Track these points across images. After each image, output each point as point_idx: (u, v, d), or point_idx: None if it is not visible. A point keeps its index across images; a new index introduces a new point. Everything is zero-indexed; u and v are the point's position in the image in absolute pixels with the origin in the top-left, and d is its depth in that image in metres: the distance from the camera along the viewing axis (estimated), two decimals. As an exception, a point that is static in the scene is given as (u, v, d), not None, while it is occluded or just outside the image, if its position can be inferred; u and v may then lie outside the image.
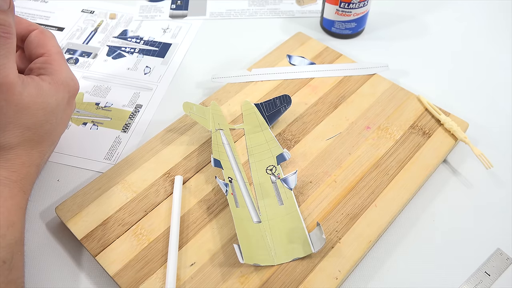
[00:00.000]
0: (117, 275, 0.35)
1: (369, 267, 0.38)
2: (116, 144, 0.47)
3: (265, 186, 0.41)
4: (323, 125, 0.46)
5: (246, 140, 0.45)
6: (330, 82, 0.51)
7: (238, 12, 0.64)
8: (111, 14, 0.61)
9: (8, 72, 0.32)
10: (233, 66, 0.55)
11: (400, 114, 0.47)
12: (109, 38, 0.59)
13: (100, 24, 0.60)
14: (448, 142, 0.45)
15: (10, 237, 0.32)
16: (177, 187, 0.40)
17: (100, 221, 0.38)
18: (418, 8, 0.64)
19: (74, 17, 0.62)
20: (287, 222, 0.38)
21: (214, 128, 0.44)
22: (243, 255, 0.34)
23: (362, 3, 0.54)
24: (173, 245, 0.36)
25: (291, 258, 0.36)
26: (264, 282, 0.35)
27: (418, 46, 0.58)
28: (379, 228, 0.38)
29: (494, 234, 0.40)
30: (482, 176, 0.44)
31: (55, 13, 0.63)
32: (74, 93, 0.39)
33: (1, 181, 0.33)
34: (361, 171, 0.42)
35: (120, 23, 0.61)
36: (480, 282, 0.37)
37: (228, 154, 0.43)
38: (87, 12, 0.62)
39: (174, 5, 0.65)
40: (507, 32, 0.60)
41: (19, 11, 0.63)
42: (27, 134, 0.35)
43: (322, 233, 0.36)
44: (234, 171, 0.41)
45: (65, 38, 0.59)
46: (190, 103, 0.44)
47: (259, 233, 0.37)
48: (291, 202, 0.39)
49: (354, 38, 0.59)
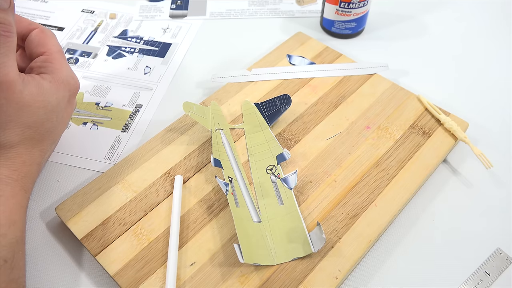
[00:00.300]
0: (117, 275, 0.35)
1: (369, 267, 0.38)
2: (116, 144, 0.47)
3: (265, 185, 0.41)
4: (323, 125, 0.46)
5: (246, 139, 0.45)
6: (330, 82, 0.51)
7: (238, 12, 0.64)
8: (111, 14, 0.61)
9: (8, 71, 0.32)
10: (233, 66, 0.55)
11: (400, 114, 0.47)
12: (109, 38, 0.59)
13: (100, 24, 0.60)
14: (448, 142, 0.45)
15: (11, 236, 0.32)
16: (177, 187, 0.40)
17: (100, 221, 0.38)
18: (418, 8, 0.64)
19: (74, 17, 0.62)
20: (287, 221, 0.38)
21: (214, 128, 0.44)
22: (243, 254, 0.34)
23: (362, 3, 0.55)
24: (173, 245, 0.36)
25: (291, 258, 0.36)
26: (264, 281, 0.35)
27: (418, 46, 0.59)
28: (379, 228, 0.38)
29: (494, 234, 0.40)
30: (482, 176, 0.44)
31: (55, 13, 0.63)
32: (74, 92, 0.39)
33: (2, 179, 0.33)
34: (361, 171, 0.42)
35: (120, 23, 0.61)
36: (480, 282, 0.37)
37: (228, 153, 0.43)
38: (87, 12, 0.62)
39: (174, 5, 0.65)
40: (507, 32, 0.60)
41: (19, 11, 0.63)
42: (28, 133, 0.35)
43: (322, 232, 0.36)
44: (234, 171, 0.41)
45: (65, 38, 0.59)
46: (190, 103, 0.44)
47: (259, 232, 0.37)
48: (291, 201, 0.39)
49: (354, 38, 0.59)
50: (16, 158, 0.35)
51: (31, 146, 0.36)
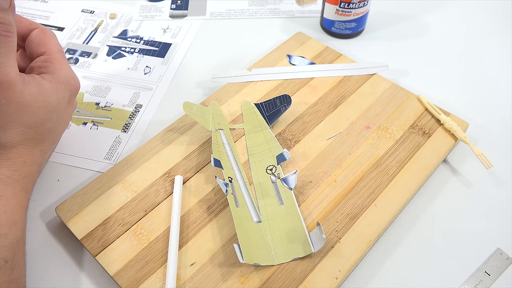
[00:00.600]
0: (117, 275, 0.35)
1: (369, 267, 0.38)
2: (116, 144, 0.47)
3: (265, 186, 0.41)
4: (323, 125, 0.46)
5: (246, 140, 0.45)
6: (330, 82, 0.51)
7: (238, 12, 0.64)
8: (111, 14, 0.61)
9: (8, 71, 0.32)
10: (233, 66, 0.55)
11: (400, 114, 0.47)
12: (109, 38, 0.59)
13: (100, 24, 0.60)
14: (448, 142, 0.45)
15: (11, 236, 0.32)
16: (177, 187, 0.40)
17: (100, 221, 0.38)
18: (418, 8, 0.64)
19: (74, 17, 0.62)
20: (287, 221, 0.38)
21: (214, 128, 0.44)
22: (243, 255, 0.34)
23: (362, 3, 0.55)
24: (173, 245, 0.36)
25: (291, 258, 0.36)
26: (264, 282, 0.35)
27: (418, 46, 0.59)
28: (379, 228, 0.38)
29: (494, 234, 0.40)
30: (482, 176, 0.44)
31: (55, 13, 0.63)
32: (75, 92, 0.39)
33: (2, 179, 0.33)
34: (361, 171, 0.42)
35: (120, 23, 0.61)
36: (480, 282, 0.37)
37: (228, 154, 0.43)
38: (87, 12, 0.62)
39: (174, 5, 0.65)
40: (507, 32, 0.60)
41: (19, 11, 0.63)
42: (29, 133, 0.35)
43: (322, 232, 0.36)
44: (234, 171, 0.41)
45: (65, 38, 0.59)
46: (190, 103, 0.44)
47: (259, 232, 0.37)
48: (291, 202, 0.39)
49: (354, 38, 0.59)
50: (17, 158, 0.35)
51: (31, 146, 0.36)
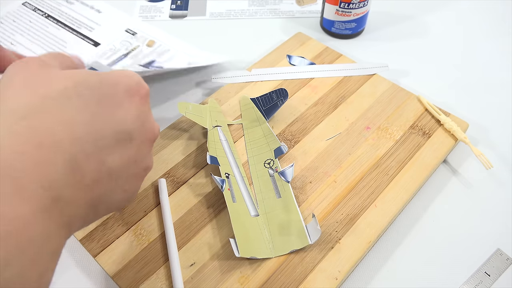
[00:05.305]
0: (116, 276, 0.35)
1: (369, 267, 0.38)
2: (116, 144, 0.46)
3: (263, 179, 0.41)
4: (323, 125, 0.46)
5: (244, 134, 0.45)
6: (330, 82, 0.51)
7: (238, 12, 0.64)
8: (150, 41, 0.57)
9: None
10: (233, 66, 0.55)
11: (400, 114, 0.47)
12: (134, 66, 0.55)
13: (134, 49, 0.55)
14: (448, 142, 0.45)
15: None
16: (163, 191, 0.40)
17: (100, 221, 0.38)
18: (418, 8, 0.64)
19: (116, 35, 0.59)
20: (284, 214, 0.38)
21: (211, 125, 0.44)
22: (239, 249, 0.35)
23: (362, 3, 0.54)
24: (173, 246, 0.36)
25: (288, 250, 0.36)
26: (264, 282, 0.35)
27: (418, 46, 0.58)
28: (379, 228, 0.38)
29: (494, 234, 0.40)
30: (482, 176, 0.44)
31: (101, 26, 0.60)
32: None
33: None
34: (361, 171, 0.42)
35: (153, 53, 0.57)
36: (480, 283, 0.37)
37: (226, 150, 0.43)
38: (130, 32, 0.59)
39: (174, 5, 0.65)
40: (507, 32, 0.60)
41: (71, 15, 0.61)
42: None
43: (317, 224, 0.36)
44: (232, 166, 0.42)
45: (95, 55, 0.56)
46: (186, 102, 0.44)
47: (256, 226, 0.38)
48: (289, 195, 0.40)
49: (354, 38, 0.59)
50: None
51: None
